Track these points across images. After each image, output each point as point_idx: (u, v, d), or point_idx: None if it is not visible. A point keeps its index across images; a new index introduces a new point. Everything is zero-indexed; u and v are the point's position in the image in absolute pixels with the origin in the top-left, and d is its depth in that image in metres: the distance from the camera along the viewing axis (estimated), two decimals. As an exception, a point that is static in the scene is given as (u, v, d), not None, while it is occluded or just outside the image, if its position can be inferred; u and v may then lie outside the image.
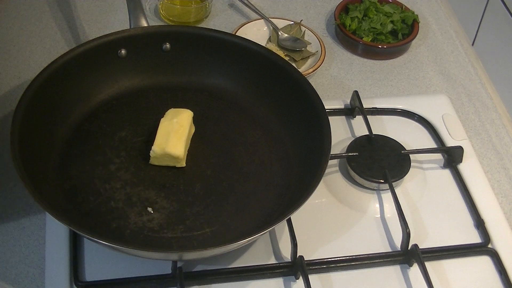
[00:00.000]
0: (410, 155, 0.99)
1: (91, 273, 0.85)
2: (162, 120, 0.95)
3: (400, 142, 1.01)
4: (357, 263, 0.89)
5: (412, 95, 1.14)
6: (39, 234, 0.90)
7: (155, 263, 0.86)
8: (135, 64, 1.02)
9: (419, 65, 1.20)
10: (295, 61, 1.17)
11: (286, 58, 1.14)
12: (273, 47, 1.19)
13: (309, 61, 1.17)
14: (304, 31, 1.21)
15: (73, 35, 1.19)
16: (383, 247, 0.91)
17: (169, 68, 1.04)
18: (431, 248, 0.91)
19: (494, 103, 1.14)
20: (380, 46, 1.19)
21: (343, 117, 1.08)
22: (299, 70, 1.03)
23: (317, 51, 1.18)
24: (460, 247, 0.92)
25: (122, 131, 0.97)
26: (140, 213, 0.88)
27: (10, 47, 1.16)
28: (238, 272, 0.87)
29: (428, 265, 0.88)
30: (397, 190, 0.95)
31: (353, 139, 1.01)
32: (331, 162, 0.92)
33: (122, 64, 1.01)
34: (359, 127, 1.05)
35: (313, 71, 1.13)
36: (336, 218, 0.94)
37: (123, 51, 1.01)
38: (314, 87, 0.96)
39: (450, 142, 1.04)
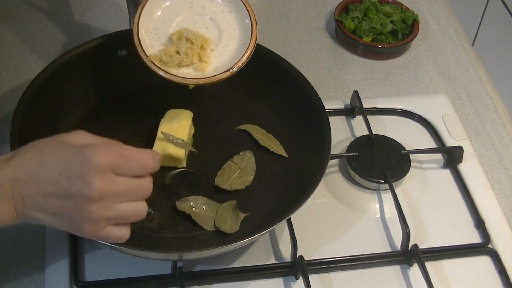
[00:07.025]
0: (410, 155, 0.99)
1: (91, 273, 0.85)
2: (162, 120, 0.95)
3: (400, 142, 1.01)
4: (357, 263, 0.89)
5: (412, 95, 1.14)
6: (39, 234, 0.90)
7: (155, 263, 0.85)
8: (135, 64, 1.02)
9: (419, 65, 1.20)
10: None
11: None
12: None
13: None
14: None
15: (73, 35, 1.19)
16: (383, 247, 0.91)
17: (169, 68, 1.04)
18: (431, 248, 0.91)
19: (494, 103, 1.14)
20: (380, 46, 1.19)
21: (343, 117, 1.08)
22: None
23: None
24: (460, 247, 0.92)
25: (122, 131, 0.97)
26: (140, 213, 0.88)
27: (10, 47, 1.16)
28: (238, 272, 0.87)
29: (428, 265, 0.88)
30: (397, 190, 0.95)
31: (353, 139, 1.01)
32: (331, 162, 0.92)
33: (122, 64, 1.01)
34: (359, 127, 1.05)
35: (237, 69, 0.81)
36: (336, 218, 0.94)
37: (123, 51, 1.01)
38: (314, 87, 0.96)
39: (450, 142, 1.04)
